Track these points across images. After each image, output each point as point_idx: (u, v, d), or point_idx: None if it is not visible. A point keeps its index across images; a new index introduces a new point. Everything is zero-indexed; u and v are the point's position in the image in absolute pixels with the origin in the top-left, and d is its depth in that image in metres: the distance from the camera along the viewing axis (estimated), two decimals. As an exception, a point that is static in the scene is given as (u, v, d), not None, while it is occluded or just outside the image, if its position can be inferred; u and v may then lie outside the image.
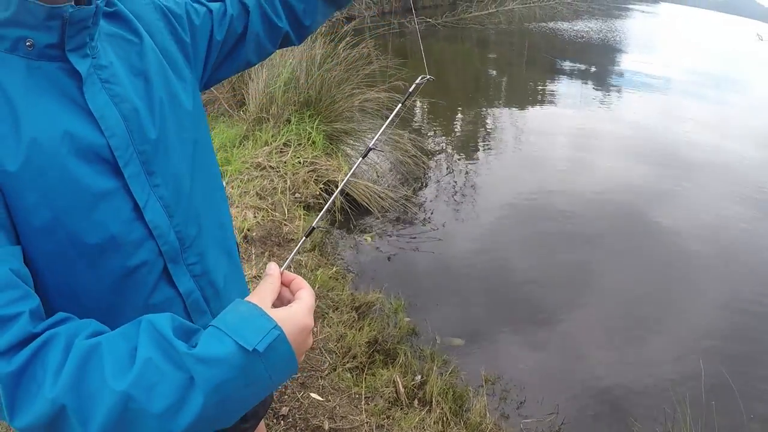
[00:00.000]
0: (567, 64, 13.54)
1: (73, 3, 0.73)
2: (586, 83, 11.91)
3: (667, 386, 3.25)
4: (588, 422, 2.99)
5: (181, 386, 0.60)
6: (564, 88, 11.39)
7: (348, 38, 6.69)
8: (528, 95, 10.41)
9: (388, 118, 1.24)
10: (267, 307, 0.70)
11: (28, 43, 0.71)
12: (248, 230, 3.89)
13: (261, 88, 6.15)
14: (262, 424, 1.51)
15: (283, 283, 0.81)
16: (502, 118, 8.58)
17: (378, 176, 5.51)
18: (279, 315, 0.69)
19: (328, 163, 5.20)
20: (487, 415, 2.74)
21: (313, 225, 1.00)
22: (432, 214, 5.09)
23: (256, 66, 6.77)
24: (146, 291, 0.86)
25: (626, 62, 14.68)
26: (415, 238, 4.62)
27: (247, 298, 0.72)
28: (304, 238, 0.99)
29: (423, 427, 2.56)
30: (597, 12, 23.45)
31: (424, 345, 3.29)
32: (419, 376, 2.90)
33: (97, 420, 0.58)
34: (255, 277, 3.39)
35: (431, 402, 2.72)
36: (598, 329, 3.77)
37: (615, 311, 3.98)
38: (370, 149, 1.20)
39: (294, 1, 1.20)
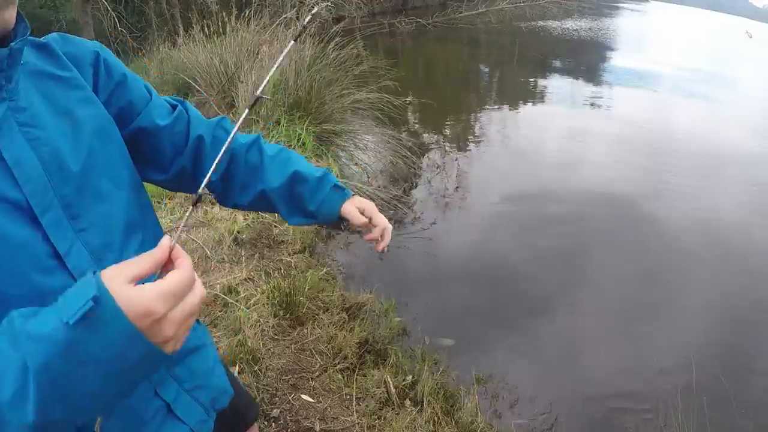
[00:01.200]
0: (557, 63, 13.61)
1: None
2: (575, 82, 12.03)
3: (658, 384, 3.25)
4: (581, 420, 2.98)
5: (20, 369, 0.56)
6: (554, 87, 11.46)
7: (337, 39, 6.69)
8: (518, 95, 10.46)
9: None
10: (114, 279, 0.59)
11: None
12: (238, 232, 3.87)
13: (250, 90, 6.13)
14: (255, 427, 1.48)
15: (171, 259, 0.68)
16: (493, 119, 8.63)
17: (369, 177, 5.50)
18: (122, 292, 0.58)
19: (318, 164, 5.18)
20: (479, 414, 2.73)
21: (199, 192, 0.78)
22: (422, 214, 5.08)
23: (246, 68, 6.76)
24: None
25: (615, 61, 14.79)
26: (405, 237, 4.61)
27: (107, 269, 0.62)
28: (191, 208, 0.84)
29: (414, 428, 2.55)
30: (587, 11, 23.59)
31: (414, 345, 3.28)
32: (410, 377, 2.88)
33: None
34: (245, 279, 3.37)
35: (422, 402, 2.70)
36: (590, 328, 3.77)
37: (607, 310, 3.98)
38: (258, 98, 1.01)
39: (242, 174, 1.15)
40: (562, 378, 3.29)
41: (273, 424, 2.48)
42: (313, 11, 1.17)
